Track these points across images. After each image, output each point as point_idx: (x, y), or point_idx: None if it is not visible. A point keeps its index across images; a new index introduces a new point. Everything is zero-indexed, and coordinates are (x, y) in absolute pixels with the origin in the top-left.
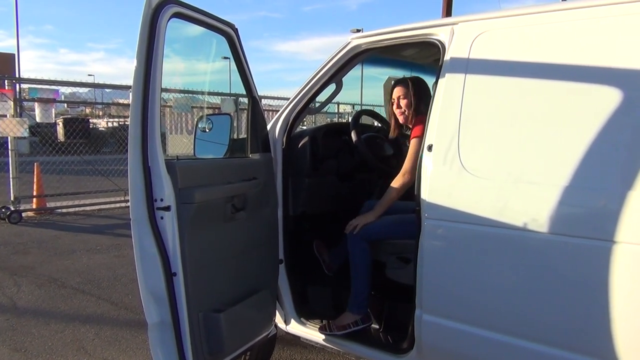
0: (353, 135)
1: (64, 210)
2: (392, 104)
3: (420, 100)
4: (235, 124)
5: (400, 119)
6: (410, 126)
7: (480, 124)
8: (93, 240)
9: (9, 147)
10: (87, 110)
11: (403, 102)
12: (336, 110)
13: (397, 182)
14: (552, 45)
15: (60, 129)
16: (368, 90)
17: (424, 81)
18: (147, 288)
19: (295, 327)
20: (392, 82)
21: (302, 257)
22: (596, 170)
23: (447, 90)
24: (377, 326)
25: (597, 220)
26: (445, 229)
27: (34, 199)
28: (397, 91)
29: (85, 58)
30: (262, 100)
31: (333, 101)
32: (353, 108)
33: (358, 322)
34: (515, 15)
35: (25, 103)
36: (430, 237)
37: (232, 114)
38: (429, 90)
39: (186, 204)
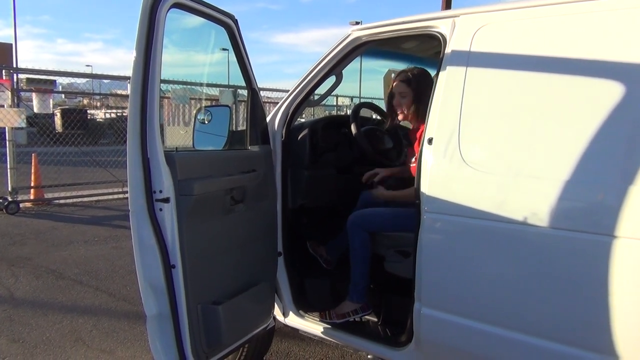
0: (353, 128)
1: (62, 201)
2: (393, 97)
3: (422, 98)
4: (233, 116)
5: (400, 117)
6: (410, 122)
7: (481, 118)
8: (91, 232)
9: (7, 138)
10: (85, 101)
11: (403, 101)
12: (335, 103)
13: None
14: (554, 38)
15: (58, 120)
16: (367, 83)
17: (427, 74)
18: (145, 280)
19: (293, 320)
20: (392, 74)
21: (300, 250)
22: (596, 164)
23: (448, 84)
24: (375, 319)
25: (597, 214)
26: (445, 222)
27: (32, 190)
28: (398, 86)
29: (82, 48)
30: (261, 92)
31: (332, 94)
32: (352, 101)
33: (358, 311)
34: (517, 8)
35: (22, 93)
36: (430, 230)
37: (231, 106)
38: (432, 83)
39: (185, 196)
